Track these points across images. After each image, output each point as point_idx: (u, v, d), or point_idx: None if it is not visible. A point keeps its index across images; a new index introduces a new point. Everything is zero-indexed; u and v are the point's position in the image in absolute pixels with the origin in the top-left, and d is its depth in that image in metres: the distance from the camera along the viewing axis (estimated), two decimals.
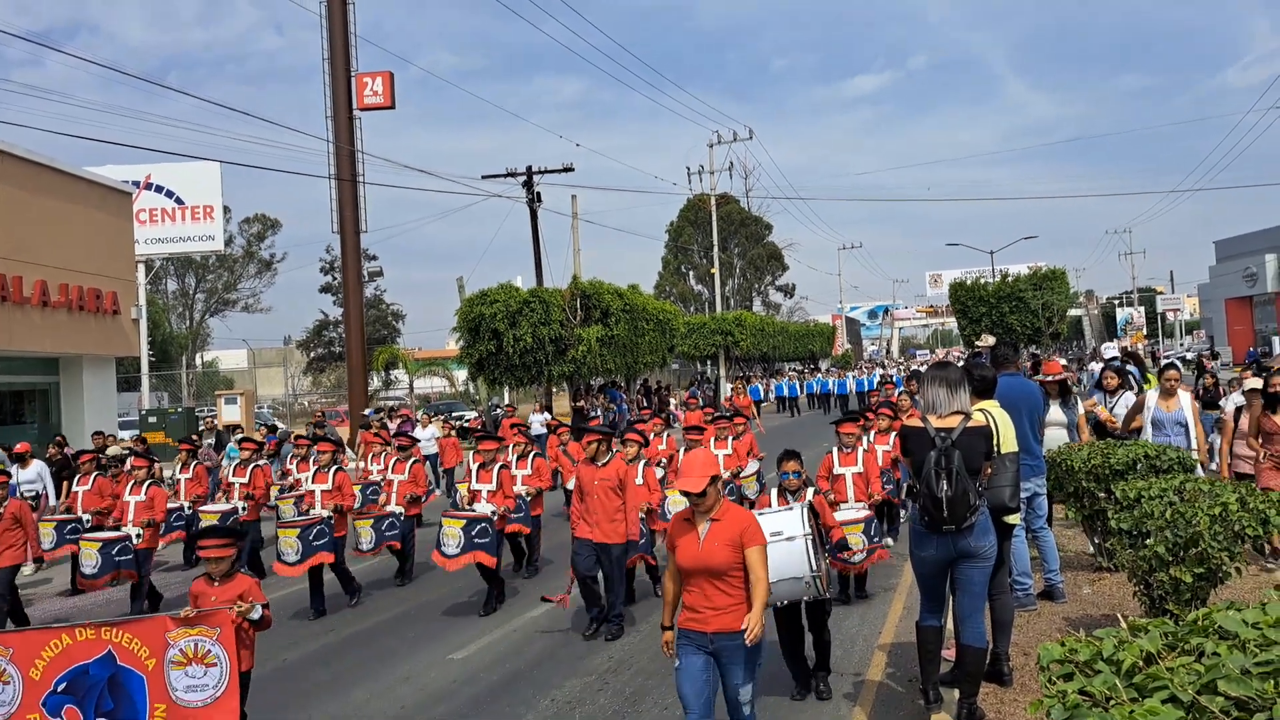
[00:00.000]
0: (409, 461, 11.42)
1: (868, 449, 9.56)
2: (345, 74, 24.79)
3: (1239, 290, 57.32)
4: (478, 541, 9.25)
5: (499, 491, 9.88)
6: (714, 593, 4.69)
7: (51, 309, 20.45)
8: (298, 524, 9.90)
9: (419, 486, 11.41)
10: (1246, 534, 5.89)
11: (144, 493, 10.53)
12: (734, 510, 4.79)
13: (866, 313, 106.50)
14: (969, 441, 5.29)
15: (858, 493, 8.94)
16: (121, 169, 30.97)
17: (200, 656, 5.50)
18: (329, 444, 11.01)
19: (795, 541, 5.61)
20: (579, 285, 29.10)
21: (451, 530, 9.31)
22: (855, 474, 9.01)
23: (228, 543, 5.88)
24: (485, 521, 9.45)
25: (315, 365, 57.43)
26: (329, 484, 10.34)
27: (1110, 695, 2.43)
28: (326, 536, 9.91)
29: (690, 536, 4.75)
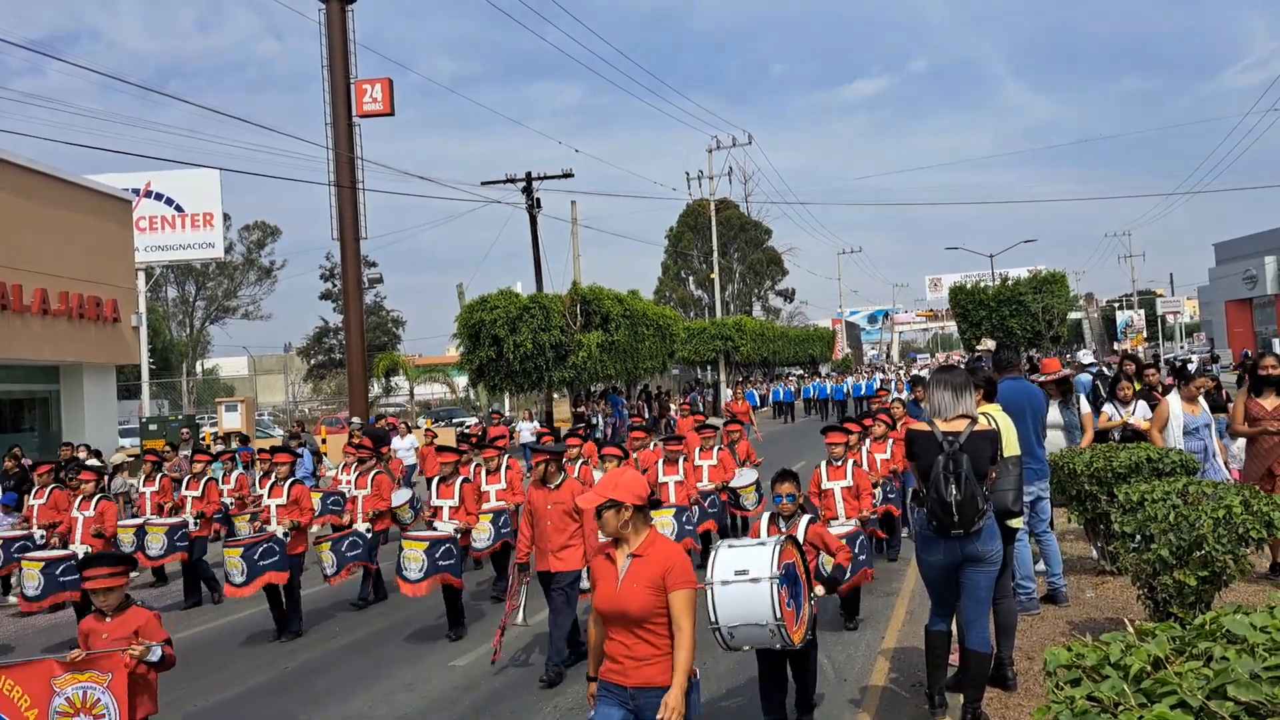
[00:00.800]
0: (370, 474, 10.76)
1: (858, 460, 9.17)
2: (345, 81, 24.82)
3: (1239, 293, 57.36)
4: (442, 564, 8.64)
5: (461, 507, 9.20)
6: (634, 641, 3.99)
7: (52, 317, 20.44)
8: (242, 542, 9.23)
9: (383, 500, 10.70)
10: (1250, 537, 5.87)
11: (93, 508, 9.96)
12: (661, 545, 4.07)
13: (866, 317, 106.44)
14: (976, 445, 5.28)
15: (848, 509, 8.38)
16: (121, 177, 30.96)
17: (89, 707, 4.75)
18: (286, 454, 10.25)
19: (760, 585, 4.90)
20: (579, 291, 29.11)
21: (413, 554, 8.60)
22: (845, 488, 8.45)
23: (117, 571, 5.13)
24: (449, 542, 8.81)
25: (316, 372, 57.42)
26: (284, 498, 9.62)
27: (1118, 701, 2.42)
28: (277, 555, 9.13)
29: (609, 574, 4.07)
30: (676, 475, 10.16)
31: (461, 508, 9.20)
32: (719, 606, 4.92)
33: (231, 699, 7.67)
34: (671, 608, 3.93)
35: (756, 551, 5.08)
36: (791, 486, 6.22)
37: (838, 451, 8.65)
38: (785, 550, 5.10)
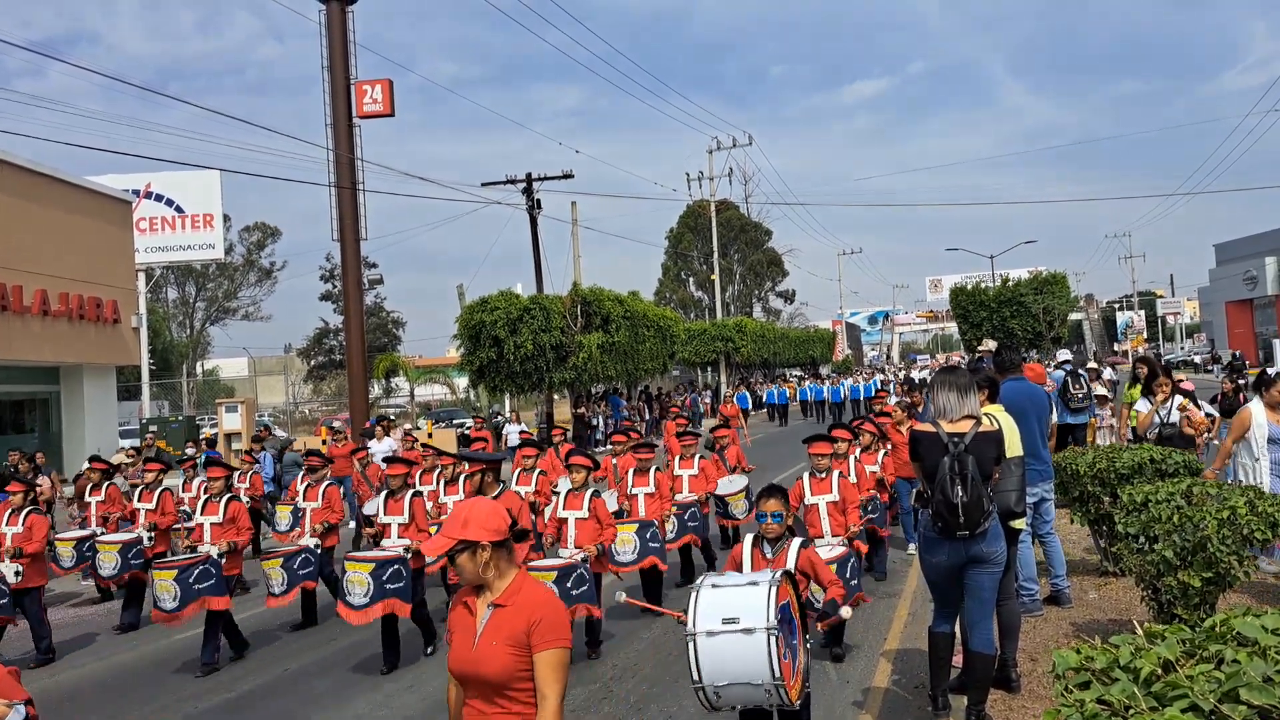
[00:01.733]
0: (321, 485, 9.90)
1: (845, 471, 8.51)
2: (345, 82, 24.79)
3: (1239, 293, 57.32)
4: (390, 588, 7.73)
5: (412, 524, 8.38)
6: (493, 711, 3.20)
7: (52, 318, 20.44)
8: (174, 564, 8.34)
9: (334, 512, 9.88)
10: (1255, 538, 5.85)
11: (21, 522, 9.15)
12: (530, 592, 3.25)
13: (867, 318, 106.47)
14: (981, 446, 5.26)
15: (833, 525, 7.62)
16: (121, 178, 30.97)
17: None
18: (219, 468, 9.31)
19: (755, 636, 4.11)
20: (579, 292, 29.10)
21: (357, 577, 7.71)
22: (830, 503, 7.65)
23: None
24: (398, 563, 7.90)
25: (316, 373, 57.38)
26: (219, 515, 8.81)
27: (1129, 704, 2.39)
28: (213, 578, 8.34)
29: (466, 627, 3.29)
30: (647, 487, 9.42)
31: (412, 525, 8.37)
32: (704, 662, 4.18)
33: (232, 700, 7.65)
34: (536, 672, 3.13)
35: (748, 594, 4.27)
36: (778, 504, 5.29)
37: (822, 463, 7.89)
38: (780, 589, 4.31)
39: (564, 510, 7.91)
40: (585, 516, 7.78)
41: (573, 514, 7.85)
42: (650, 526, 8.96)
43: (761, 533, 5.28)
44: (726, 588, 4.36)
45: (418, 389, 42.04)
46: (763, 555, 5.18)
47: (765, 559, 5.13)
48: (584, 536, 7.71)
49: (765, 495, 5.38)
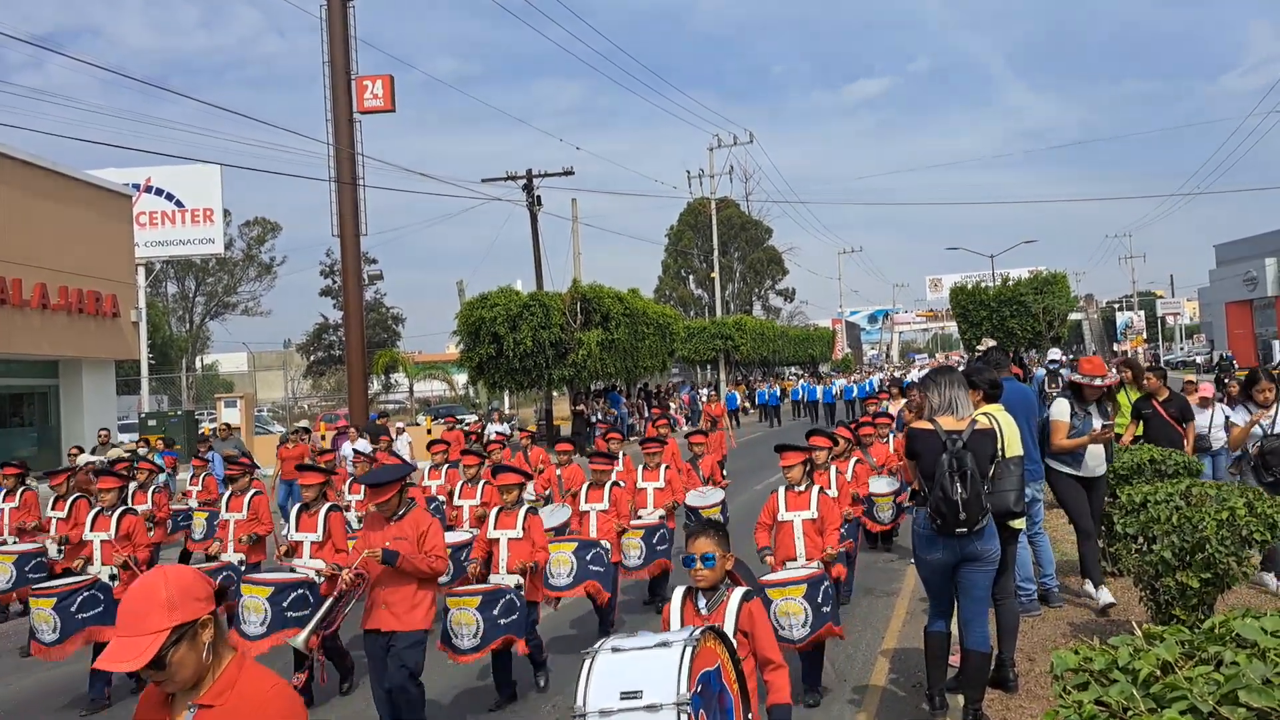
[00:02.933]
0: (247, 495, 8.77)
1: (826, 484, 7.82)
2: (345, 77, 24.75)
3: (1239, 294, 57.30)
4: (291, 615, 6.71)
5: (329, 543, 7.24)
6: None
7: (51, 312, 20.43)
8: (54, 590, 7.36)
9: (261, 524, 8.73)
10: (1254, 539, 5.85)
11: None
12: (246, 688, 2.46)
13: (866, 317, 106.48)
14: (978, 444, 5.27)
15: (809, 547, 6.56)
16: (121, 172, 30.95)
17: None
18: (113, 479, 8.27)
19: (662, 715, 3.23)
20: (579, 289, 29.10)
21: (253, 602, 6.73)
22: (806, 520, 6.62)
23: None
24: (303, 587, 6.85)
25: (315, 369, 57.41)
26: (111, 532, 7.75)
27: (1128, 705, 2.39)
28: (99, 605, 7.32)
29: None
30: (601, 503, 8.40)
31: (329, 543, 7.23)
32: None
33: None
34: None
35: (655, 659, 3.31)
36: (711, 544, 4.19)
37: (795, 474, 6.72)
38: (702, 651, 3.34)
39: (495, 530, 6.95)
40: (519, 536, 6.84)
41: (505, 534, 6.88)
42: (593, 547, 7.91)
43: (694, 582, 4.19)
44: (630, 652, 3.39)
45: (417, 385, 42.02)
46: (696, 610, 4.15)
47: (700, 615, 4.10)
48: (518, 559, 6.78)
49: (696, 534, 4.27)
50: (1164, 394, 9.49)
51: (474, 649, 6.33)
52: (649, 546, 8.67)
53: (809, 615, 5.87)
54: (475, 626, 6.34)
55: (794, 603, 5.89)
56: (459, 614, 6.36)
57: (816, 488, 6.79)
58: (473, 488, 9.60)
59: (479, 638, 6.33)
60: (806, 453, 6.95)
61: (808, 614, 5.87)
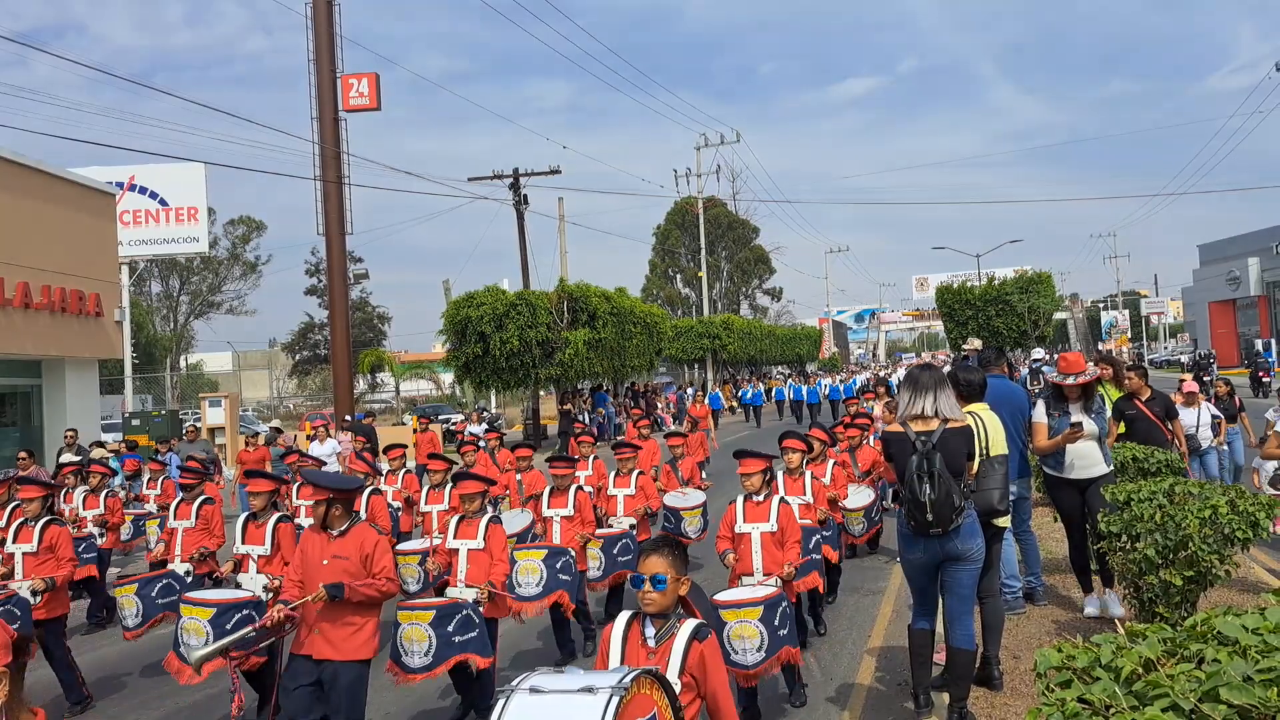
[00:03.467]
0: (196, 503, 8.30)
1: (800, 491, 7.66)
2: (330, 75, 24.68)
3: (1222, 294, 57.67)
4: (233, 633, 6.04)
5: (277, 555, 6.87)
6: None
7: (33, 311, 20.28)
8: None
9: (212, 536, 8.20)
10: (1236, 537, 5.89)
11: None
12: None
13: (853, 316, 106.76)
14: (949, 443, 5.28)
15: (766, 561, 6.18)
16: (105, 170, 30.75)
17: None
18: (33, 488, 7.74)
19: None
20: (566, 288, 29.08)
21: (193, 624, 6.19)
22: (765, 533, 6.23)
23: None
24: (247, 607, 6.31)
25: (300, 368, 57.21)
26: (34, 544, 7.33)
27: (1110, 703, 2.40)
28: (16, 621, 6.75)
29: None
30: (564, 509, 7.95)
31: (278, 556, 6.85)
32: None
33: (216, 696, 7.57)
34: None
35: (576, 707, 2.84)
36: (663, 563, 3.63)
37: (753, 484, 6.37)
38: (633, 701, 2.89)
39: (455, 539, 6.59)
40: (480, 547, 6.45)
41: (465, 544, 6.50)
42: (563, 555, 7.40)
43: (643, 606, 3.64)
44: (550, 695, 2.93)
45: (403, 384, 41.94)
46: (642, 640, 3.60)
47: (646, 647, 3.57)
48: (478, 572, 6.41)
49: (648, 551, 3.71)
50: (1146, 393, 9.32)
51: (425, 668, 5.79)
52: (609, 557, 8.10)
53: (764, 639, 5.42)
54: (428, 643, 5.81)
55: (749, 625, 5.44)
56: (410, 629, 5.82)
57: (777, 498, 6.39)
58: (439, 493, 9.21)
59: (431, 656, 5.81)
60: (766, 461, 6.49)
61: (763, 638, 5.42)
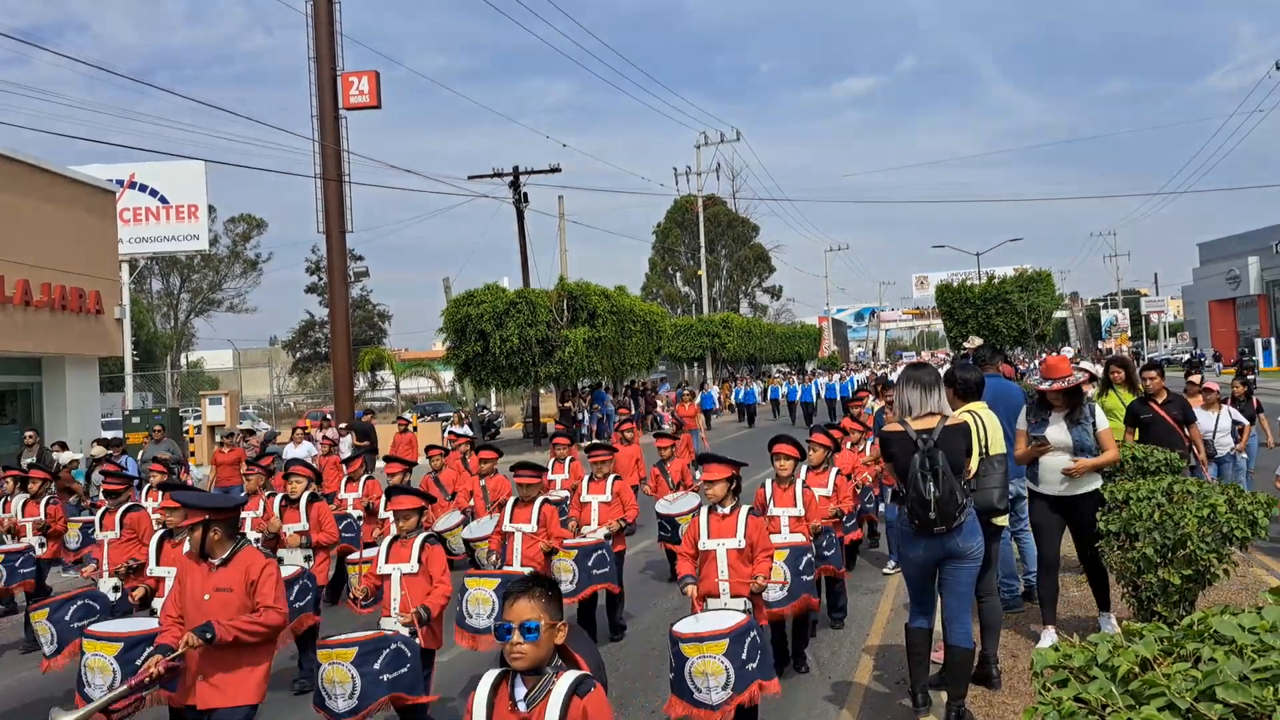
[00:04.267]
0: (120, 510, 7.91)
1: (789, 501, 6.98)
2: (331, 73, 24.66)
3: (1222, 292, 57.71)
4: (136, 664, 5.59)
5: None
6: None
7: (34, 308, 20.28)
8: None
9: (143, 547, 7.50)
10: (1235, 536, 5.89)
11: None
12: None
13: (853, 314, 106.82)
14: (949, 441, 5.28)
15: (734, 582, 5.53)
16: (105, 168, 30.74)
17: None
18: None
19: None
20: (566, 286, 29.09)
21: (98, 662, 5.64)
22: (732, 549, 5.55)
23: None
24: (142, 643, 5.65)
25: (301, 366, 57.26)
26: None
27: (1106, 702, 2.40)
28: None
29: None
30: (528, 524, 7.19)
31: None
32: None
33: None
34: None
35: None
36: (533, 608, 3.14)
37: (716, 491, 5.68)
38: None
39: (387, 564, 5.85)
40: (413, 572, 5.73)
41: (398, 568, 5.78)
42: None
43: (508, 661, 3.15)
44: None
45: (403, 382, 41.95)
46: (512, 706, 3.15)
47: (516, 712, 3.14)
48: (414, 597, 5.67)
49: (514, 594, 3.18)
50: (1164, 395, 8.64)
51: (351, 711, 5.20)
52: (582, 570, 7.39)
53: (730, 676, 4.84)
54: (351, 684, 5.19)
55: (713, 661, 4.84)
56: (331, 669, 5.22)
57: (745, 508, 5.73)
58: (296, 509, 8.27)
59: (356, 698, 5.23)
60: (731, 467, 5.78)
61: (729, 674, 4.83)
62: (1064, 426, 6.48)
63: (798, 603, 6.44)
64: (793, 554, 6.46)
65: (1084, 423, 6.47)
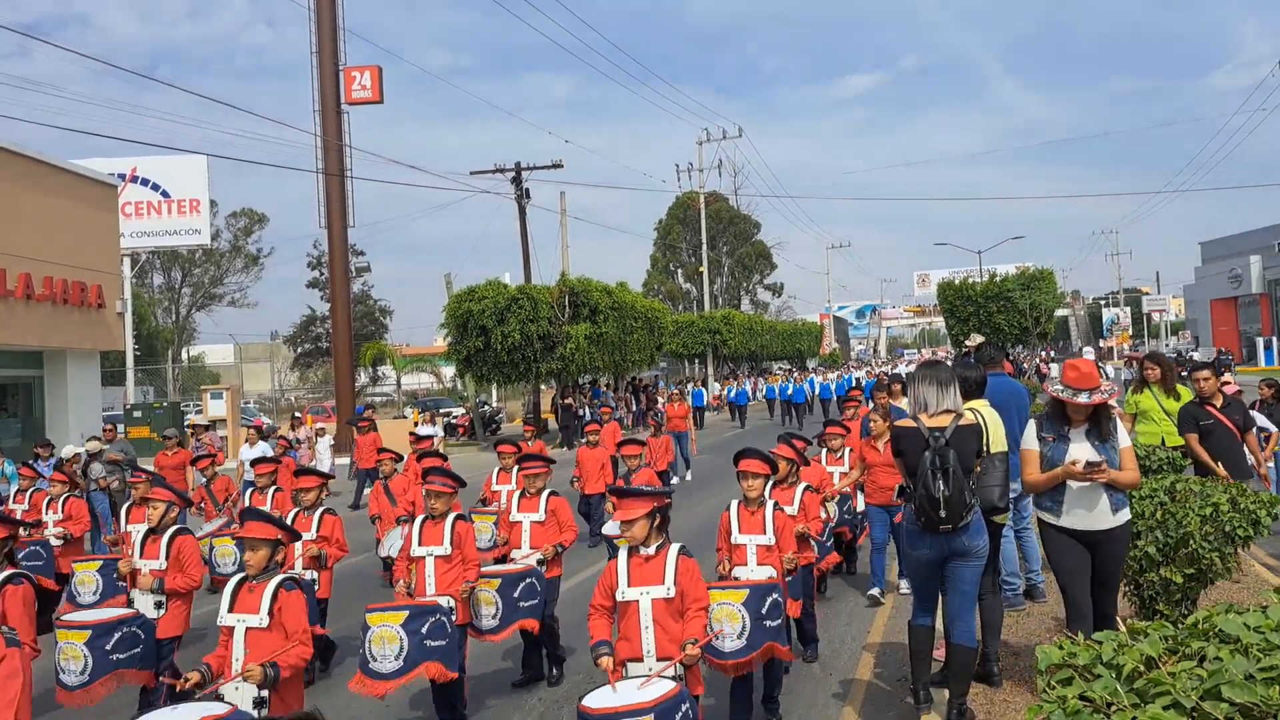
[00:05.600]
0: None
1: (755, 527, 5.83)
2: (333, 68, 24.67)
3: (1224, 291, 57.69)
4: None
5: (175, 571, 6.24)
6: None
7: (35, 302, 20.29)
8: None
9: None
10: (1237, 535, 5.89)
11: None
12: None
13: (854, 312, 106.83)
14: (962, 440, 5.26)
15: (661, 640, 4.50)
16: (107, 162, 30.72)
17: None
18: None
19: None
20: (567, 282, 29.07)
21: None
22: (659, 600, 4.52)
23: None
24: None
25: (302, 361, 57.29)
26: None
27: (1111, 701, 2.39)
28: None
29: None
30: (439, 546, 6.07)
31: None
32: None
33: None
34: None
35: None
36: None
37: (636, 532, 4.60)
38: None
39: (231, 614, 4.77)
40: (262, 625, 4.68)
41: (243, 620, 4.71)
42: (429, 615, 5.51)
43: None
44: None
45: (404, 378, 41.93)
46: None
47: None
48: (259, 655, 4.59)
49: None
50: (1220, 398, 7.76)
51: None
52: (507, 601, 6.26)
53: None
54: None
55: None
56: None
57: (675, 548, 4.62)
58: (309, 518, 7.55)
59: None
60: (651, 501, 4.64)
61: None
62: (1087, 444, 5.38)
63: (759, 653, 5.14)
64: (753, 595, 5.11)
65: (1111, 439, 5.38)
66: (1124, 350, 53.13)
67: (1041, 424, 5.59)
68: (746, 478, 5.89)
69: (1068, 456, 5.36)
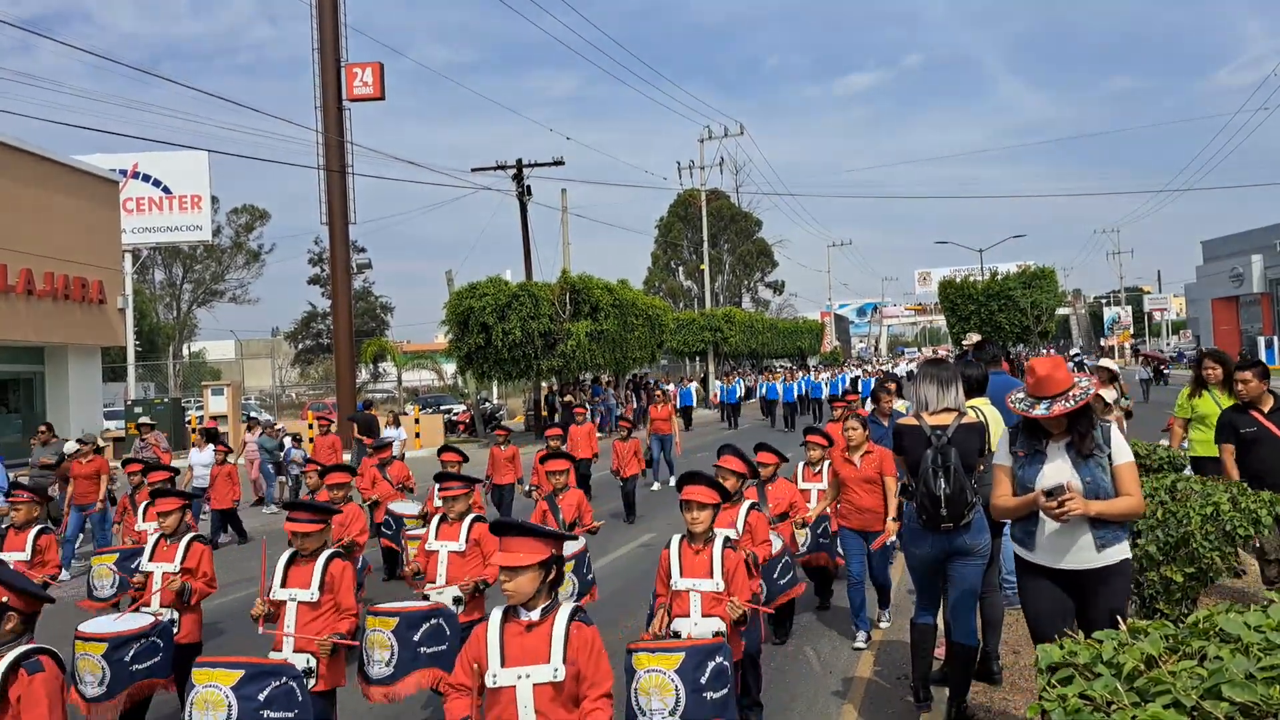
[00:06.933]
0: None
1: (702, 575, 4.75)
2: (335, 64, 24.63)
3: (1225, 290, 57.64)
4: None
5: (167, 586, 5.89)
6: None
7: (37, 298, 20.31)
8: None
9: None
10: (1238, 534, 5.89)
11: None
12: None
13: (855, 310, 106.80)
14: (964, 438, 5.27)
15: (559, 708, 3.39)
16: (108, 158, 30.76)
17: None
18: None
19: None
20: (568, 280, 29.07)
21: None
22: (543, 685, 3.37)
23: None
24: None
25: (303, 357, 57.37)
26: None
27: (1112, 699, 2.40)
28: None
29: None
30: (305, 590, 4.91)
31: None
32: None
33: None
34: None
35: None
36: None
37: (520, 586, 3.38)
38: None
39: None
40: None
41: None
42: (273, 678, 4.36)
43: None
44: None
45: (405, 374, 41.92)
46: None
47: None
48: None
49: None
50: (1269, 402, 6.89)
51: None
52: (404, 644, 5.06)
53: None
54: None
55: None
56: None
57: (565, 612, 3.44)
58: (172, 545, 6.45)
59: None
60: (548, 547, 3.43)
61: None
62: (1067, 460, 4.34)
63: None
64: (689, 659, 3.99)
65: (1098, 454, 4.31)
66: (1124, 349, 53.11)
67: (1014, 435, 4.59)
68: (691, 508, 4.77)
69: (1039, 479, 4.32)
